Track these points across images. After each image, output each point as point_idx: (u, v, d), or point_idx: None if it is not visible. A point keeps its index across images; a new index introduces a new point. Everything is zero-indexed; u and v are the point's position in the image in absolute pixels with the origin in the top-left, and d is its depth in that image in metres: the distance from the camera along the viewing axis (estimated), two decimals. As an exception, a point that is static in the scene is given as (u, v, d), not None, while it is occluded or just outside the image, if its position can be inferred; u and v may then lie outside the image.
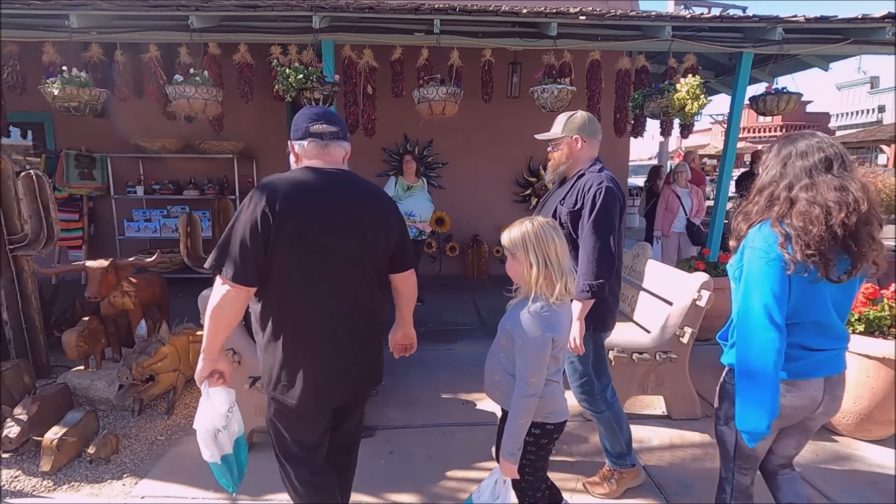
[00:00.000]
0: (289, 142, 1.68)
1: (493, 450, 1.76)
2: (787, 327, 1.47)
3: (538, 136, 2.35)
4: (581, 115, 2.23)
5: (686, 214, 5.70)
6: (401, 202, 5.03)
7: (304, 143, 1.62)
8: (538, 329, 1.53)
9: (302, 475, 1.71)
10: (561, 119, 2.24)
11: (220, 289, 1.49)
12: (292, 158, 1.70)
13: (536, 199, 6.86)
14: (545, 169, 6.66)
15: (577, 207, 2.09)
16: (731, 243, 1.63)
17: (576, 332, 2.06)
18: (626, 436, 2.38)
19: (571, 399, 3.37)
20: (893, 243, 7.36)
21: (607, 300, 2.16)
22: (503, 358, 1.67)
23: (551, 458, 2.67)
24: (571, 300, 1.73)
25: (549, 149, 2.30)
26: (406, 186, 5.12)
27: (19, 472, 2.56)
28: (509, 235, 1.62)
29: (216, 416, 1.65)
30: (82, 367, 3.28)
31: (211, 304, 1.51)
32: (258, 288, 1.53)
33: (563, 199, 2.17)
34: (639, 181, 14.47)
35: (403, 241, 1.72)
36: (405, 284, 1.78)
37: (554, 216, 2.14)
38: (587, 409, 2.38)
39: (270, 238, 1.47)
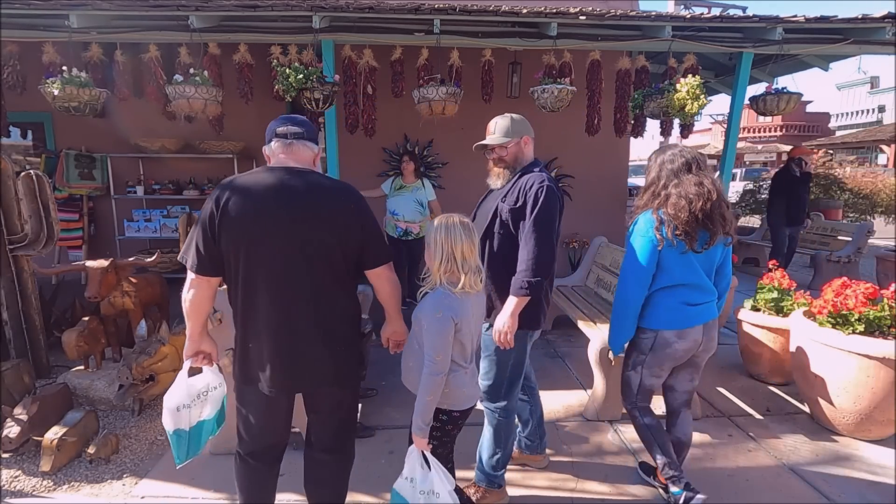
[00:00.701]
0: (263, 148, 1.78)
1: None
2: (671, 289, 2.08)
3: (487, 142, 2.25)
4: (518, 116, 2.26)
5: None
6: (388, 200, 5.13)
7: (272, 144, 1.75)
8: (439, 310, 1.67)
9: (241, 459, 1.86)
10: (502, 124, 2.23)
11: (188, 277, 1.68)
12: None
13: (536, 199, 6.85)
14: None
15: (518, 205, 2.09)
16: (628, 226, 2.23)
17: (506, 327, 2.02)
18: (507, 452, 2.30)
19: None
20: (893, 243, 7.36)
21: (541, 298, 2.15)
22: (417, 345, 1.77)
23: (551, 458, 2.69)
24: (504, 294, 1.95)
25: (492, 155, 2.25)
26: (398, 186, 5.17)
27: (19, 472, 2.56)
28: (428, 228, 1.79)
29: (185, 393, 1.87)
30: (82, 367, 3.28)
31: (183, 291, 1.70)
32: (224, 276, 1.69)
33: (505, 196, 2.17)
34: (639, 181, 14.49)
35: (368, 238, 1.72)
36: (378, 281, 1.80)
37: (495, 214, 2.16)
38: (484, 408, 2.28)
39: (216, 233, 1.61)
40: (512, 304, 2.02)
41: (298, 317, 1.67)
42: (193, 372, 1.93)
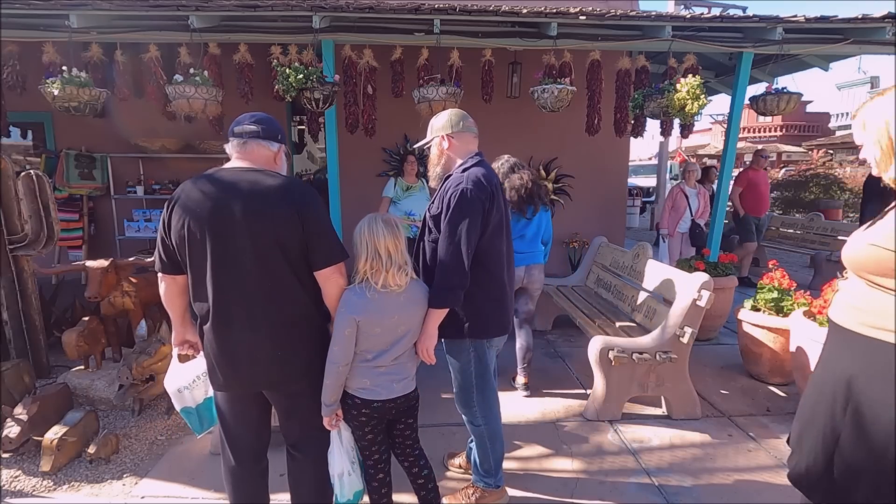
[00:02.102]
0: (225, 146, 1.80)
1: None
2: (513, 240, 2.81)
3: (415, 146, 2.37)
4: (446, 112, 2.18)
5: (692, 215, 5.71)
6: (400, 202, 5.04)
7: (230, 143, 1.76)
8: (343, 306, 1.75)
9: (224, 457, 1.89)
10: (430, 123, 2.21)
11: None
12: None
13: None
14: (545, 169, 6.69)
15: (438, 212, 2.00)
16: None
17: (424, 342, 1.92)
18: (497, 455, 2.26)
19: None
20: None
21: (482, 306, 2.04)
22: None
23: (552, 458, 2.69)
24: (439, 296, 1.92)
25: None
26: (405, 187, 5.12)
27: (19, 472, 2.56)
28: (356, 230, 1.84)
29: (180, 377, 2.07)
30: (82, 367, 3.28)
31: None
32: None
33: (432, 203, 2.08)
34: (639, 181, 14.47)
35: (311, 238, 1.67)
36: (325, 283, 1.74)
37: (424, 222, 2.10)
38: (463, 418, 2.28)
39: (168, 235, 1.68)
40: (430, 317, 1.91)
41: (239, 318, 1.67)
42: (184, 360, 2.03)
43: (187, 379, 2.07)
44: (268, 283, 1.66)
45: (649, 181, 14.42)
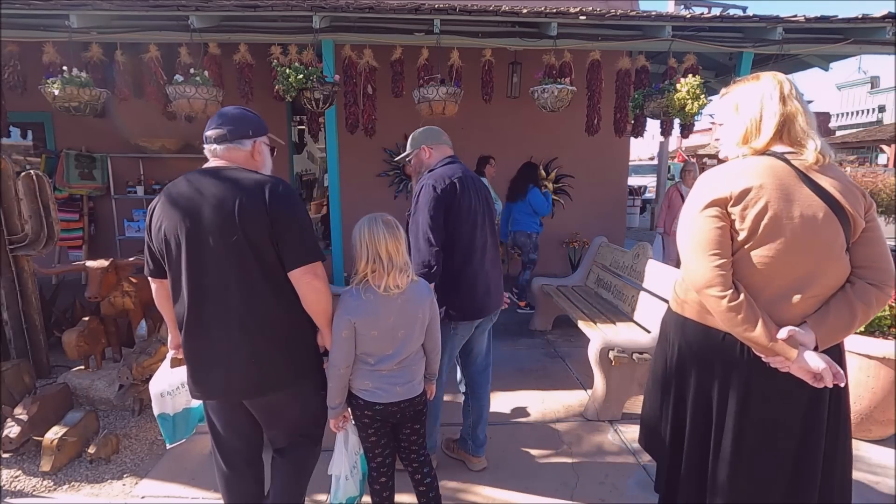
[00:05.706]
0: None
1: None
2: None
3: (396, 159, 2.66)
4: (421, 129, 2.50)
5: None
6: None
7: (205, 146, 1.74)
8: (339, 309, 1.73)
9: (216, 462, 1.86)
10: (410, 138, 2.53)
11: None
12: None
13: (536, 199, 6.85)
14: (546, 169, 6.70)
15: (411, 210, 2.30)
16: None
17: None
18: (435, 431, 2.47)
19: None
20: (894, 243, 7.36)
21: (443, 293, 2.21)
22: None
23: (551, 458, 2.69)
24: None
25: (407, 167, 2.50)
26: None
27: (19, 472, 2.56)
28: (354, 230, 1.80)
29: (166, 381, 2.04)
30: (82, 367, 3.28)
31: None
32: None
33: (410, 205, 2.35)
34: (639, 181, 14.47)
35: (282, 237, 1.60)
36: (298, 284, 1.63)
37: (405, 222, 2.28)
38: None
39: (151, 238, 1.68)
40: None
41: (213, 322, 1.62)
42: (176, 364, 2.02)
43: (173, 384, 2.05)
44: (241, 285, 1.59)
45: (643, 180, 14.43)
